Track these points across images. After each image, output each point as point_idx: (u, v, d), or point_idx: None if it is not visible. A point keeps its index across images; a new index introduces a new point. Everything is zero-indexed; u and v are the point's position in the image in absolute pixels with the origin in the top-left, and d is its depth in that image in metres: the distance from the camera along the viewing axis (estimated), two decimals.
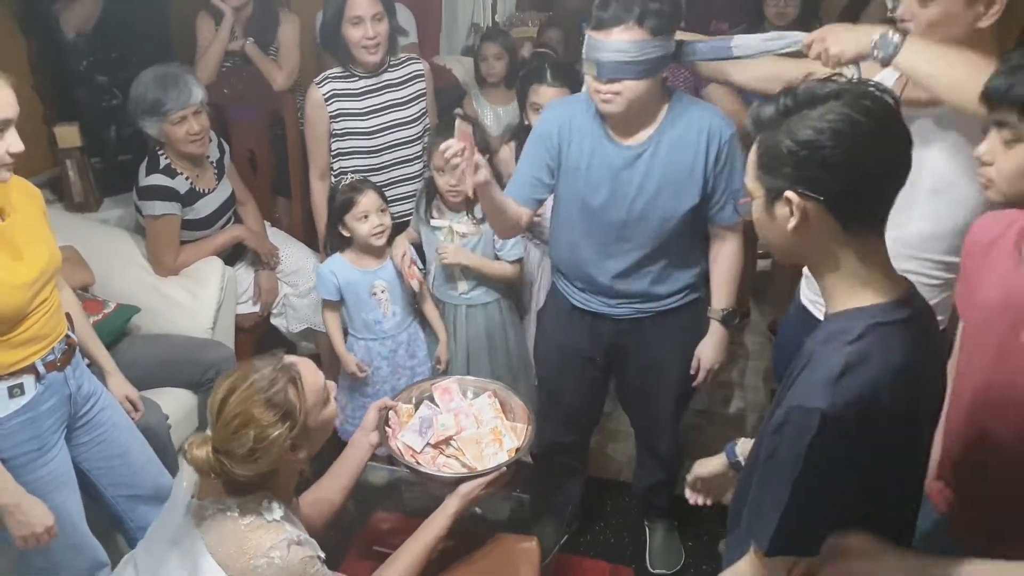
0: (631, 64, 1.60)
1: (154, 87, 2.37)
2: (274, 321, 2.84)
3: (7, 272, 1.51)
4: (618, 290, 1.91)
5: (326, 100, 2.42)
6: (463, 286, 2.39)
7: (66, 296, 1.86)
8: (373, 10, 2.31)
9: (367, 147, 2.48)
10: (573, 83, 2.35)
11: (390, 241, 2.36)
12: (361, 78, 2.44)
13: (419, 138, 2.54)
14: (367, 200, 2.26)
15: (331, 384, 1.50)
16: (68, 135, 2.67)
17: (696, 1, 2.78)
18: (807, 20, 2.97)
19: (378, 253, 2.34)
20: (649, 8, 1.58)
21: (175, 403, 2.33)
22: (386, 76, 2.47)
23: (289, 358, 1.42)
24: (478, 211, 2.29)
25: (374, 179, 2.40)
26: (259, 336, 2.84)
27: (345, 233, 2.30)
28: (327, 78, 2.44)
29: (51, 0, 2.74)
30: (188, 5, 3.09)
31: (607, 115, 1.73)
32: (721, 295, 1.96)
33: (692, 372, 2.01)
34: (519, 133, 2.49)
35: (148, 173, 2.43)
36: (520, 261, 2.40)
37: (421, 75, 2.55)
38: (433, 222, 2.36)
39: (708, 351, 1.98)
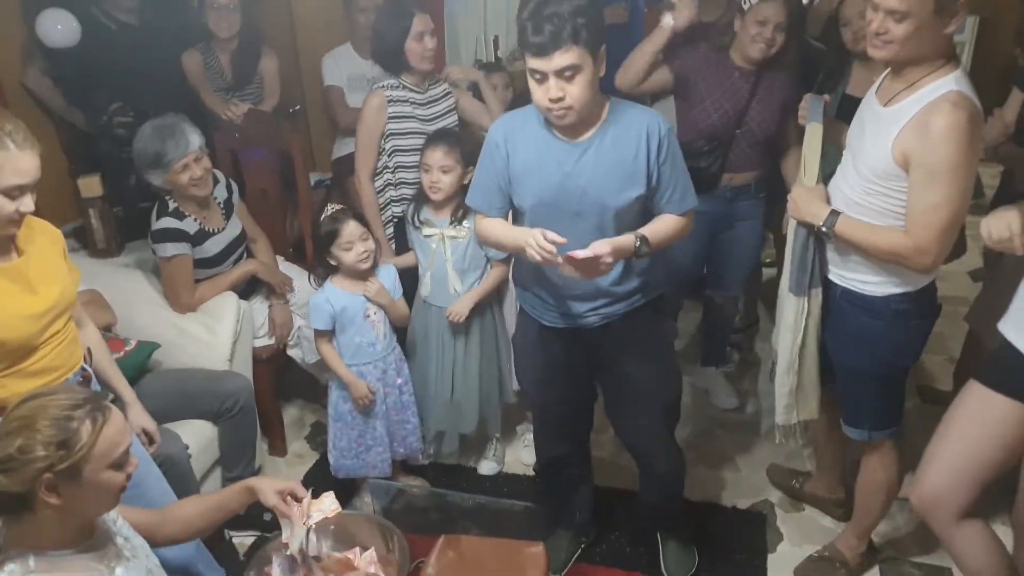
0: (576, 78, 1.71)
1: (153, 140, 2.46)
2: (290, 352, 2.93)
3: (18, 304, 1.62)
4: (583, 293, 1.95)
5: (388, 103, 2.60)
6: (458, 286, 2.55)
7: (90, 332, 1.96)
8: (430, 26, 2.59)
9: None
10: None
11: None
12: (411, 90, 2.65)
13: None
14: (349, 229, 2.34)
15: (135, 462, 1.41)
16: (90, 185, 2.83)
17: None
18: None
19: (365, 276, 2.42)
20: (579, 25, 1.66)
21: (195, 434, 2.43)
22: (431, 92, 2.69)
23: (108, 407, 1.35)
24: (460, 215, 2.51)
25: None
26: (278, 367, 2.93)
27: (332, 262, 2.38)
28: (385, 86, 2.63)
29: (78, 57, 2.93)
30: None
31: (561, 125, 1.81)
32: (648, 227, 1.89)
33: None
34: None
35: (159, 217, 2.55)
36: (505, 261, 2.55)
37: (450, 92, 2.77)
38: (425, 230, 2.54)
39: (602, 243, 1.79)
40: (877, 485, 2.13)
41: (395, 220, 2.72)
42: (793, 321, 1.99)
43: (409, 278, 2.61)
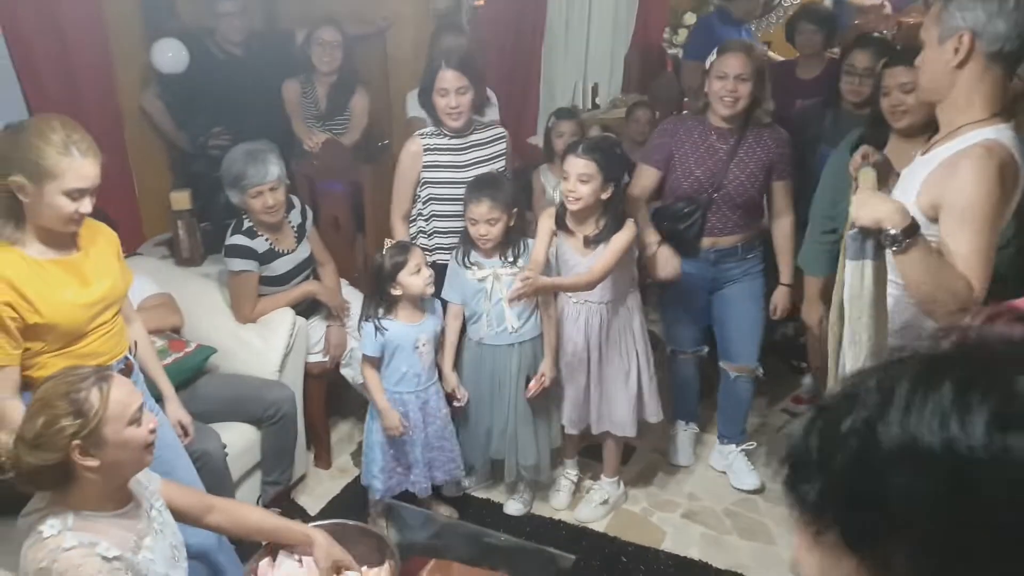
0: None
1: (239, 162, 2.65)
2: (342, 371, 3.05)
3: (73, 293, 1.80)
4: None
5: (424, 151, 2.67)
6: (515, 323, 2.57)
7: (136, 328, 2.14)
8: (458, 84, 2.57)
9: (460, 195, 2.63)
10: (605, 157, 2.44)
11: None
12: (451, 137, 2.70)
13: None
14: (416, 256, 2.46)
15: (152, 419, 1.54)
16: (179, 200, 3.09)
17: (780, 85, 2.83)
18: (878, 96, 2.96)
19: (421, 308, 2.52)
20: None
21: (239, 436, 2.58)
22: (473, 137, 2.73)
23: (111, 375, 1.50)
24: (510, 253, 2.57)
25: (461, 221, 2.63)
26: (329, 384, 3.05)
27: (396, 292, 2.45)
28: (424, 134, 2.71)
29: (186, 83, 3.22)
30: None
31: None
32: None
33: None
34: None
35: (232, 233, 2.74)
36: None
37: (502, 138, 2.81)
38: (478, 273, 2.56)
39: None
40: None
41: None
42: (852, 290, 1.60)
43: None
